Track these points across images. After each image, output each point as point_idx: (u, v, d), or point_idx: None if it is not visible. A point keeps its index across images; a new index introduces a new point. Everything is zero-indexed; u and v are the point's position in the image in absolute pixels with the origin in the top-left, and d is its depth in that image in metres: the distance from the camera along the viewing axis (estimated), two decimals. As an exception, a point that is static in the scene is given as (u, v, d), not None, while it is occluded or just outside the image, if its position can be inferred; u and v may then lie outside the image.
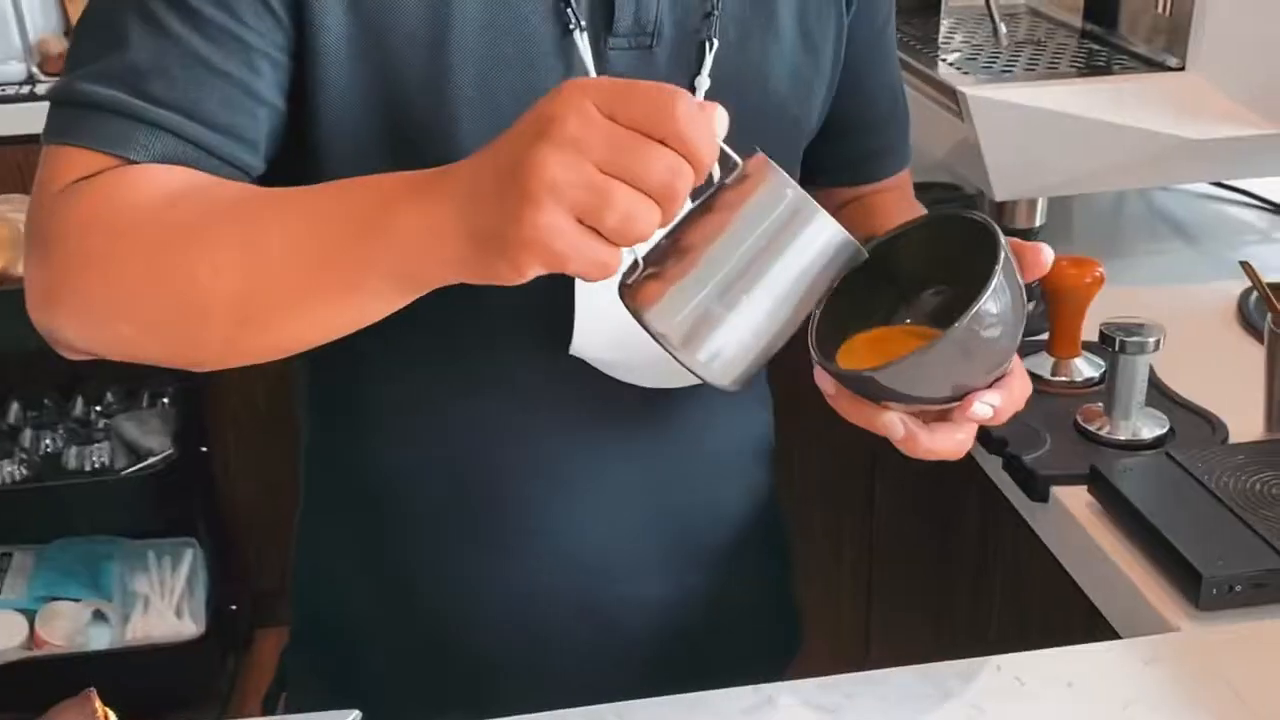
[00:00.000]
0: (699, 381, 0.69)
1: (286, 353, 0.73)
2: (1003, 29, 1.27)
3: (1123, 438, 1.01)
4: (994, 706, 0.77)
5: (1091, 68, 1.34)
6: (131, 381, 2.18)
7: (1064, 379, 1.10)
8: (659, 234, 0.63)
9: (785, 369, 0.78)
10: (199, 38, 0.72)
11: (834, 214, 0.66)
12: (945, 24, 1.44)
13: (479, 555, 0.93)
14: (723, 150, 0.62)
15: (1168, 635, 0.83)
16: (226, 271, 0.68)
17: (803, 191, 0.64)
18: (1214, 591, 0.82)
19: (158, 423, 2.08)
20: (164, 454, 2.03)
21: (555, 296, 0.80)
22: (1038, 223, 1.36)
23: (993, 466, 1.06)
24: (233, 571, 2.27)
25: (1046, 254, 0.73)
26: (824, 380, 0.73)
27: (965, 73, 1.30)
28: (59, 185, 0.72)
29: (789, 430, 1.06)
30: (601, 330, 0.82)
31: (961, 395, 0.71)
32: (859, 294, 0.70)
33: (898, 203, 1.03)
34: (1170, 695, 0.77)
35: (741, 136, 0.65)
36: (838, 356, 0.73)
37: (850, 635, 1.58)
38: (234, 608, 2.24)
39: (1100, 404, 1.03)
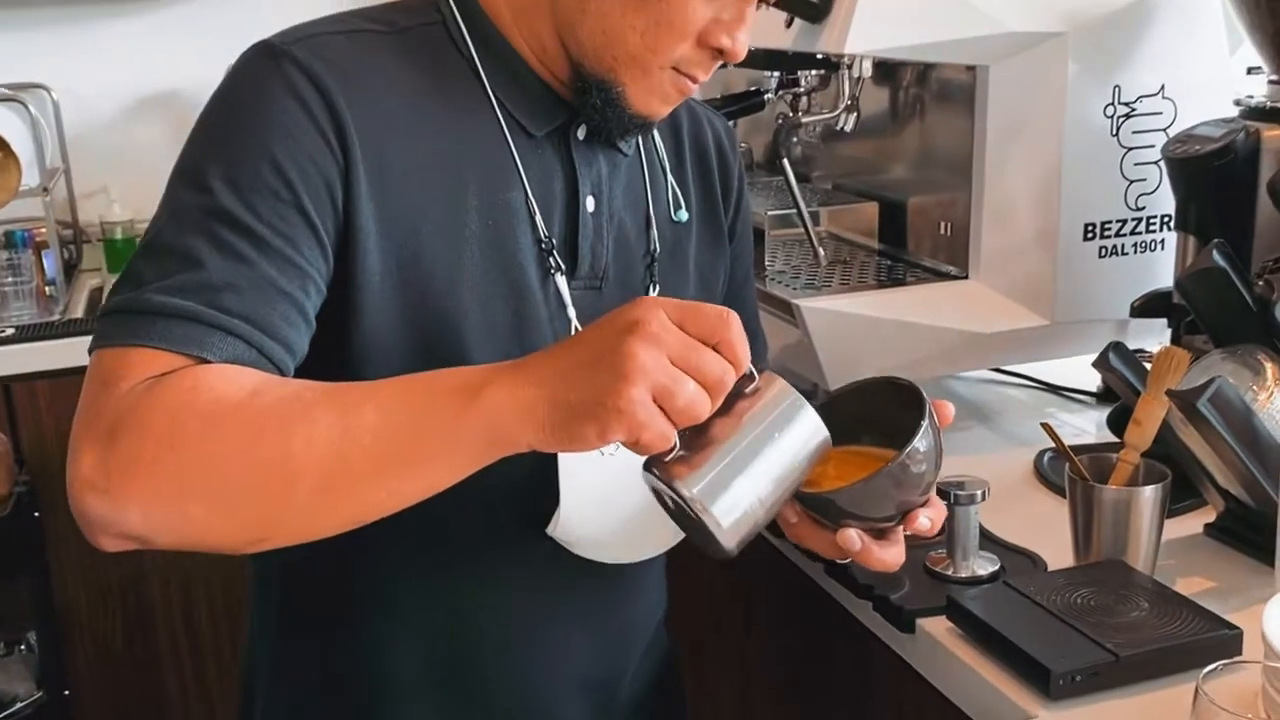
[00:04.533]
0: (656, 555, 0.88)
1: (356, 523, 0.83)
2: (822, 252, 1.53)
3: (964, 575, 1.22)
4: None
5: (892, 279, 1.61)
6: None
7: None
8: None
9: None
10: (267, 263, 0.86)
11: None
12: (769, 250, 1.71)
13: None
14: None
15: (1028, 723, 1.03)
16: (321, 443, 0.79)
17: (800, 397, 0.85)
18: (1061, 683, 1.02)
19: (21, 668, 2.09)
20: (31, 699, 2.03)
21: (538, 483, 0.98)
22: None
23: (861, 609, 1.25)
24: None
25: (950, 409, 0.96)
26: (788, 510, 0.93)
27: (793, 288, 1.56)
28: (131, 381, 0.81)
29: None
30: (581, 512, 0.99)
31: (905, 512, 0.93)
32: None
33: None
34: (1041, 765, 0.96)
35: None
36: None
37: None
38: None
39: (943, 550, 1.25)
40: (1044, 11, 1.46)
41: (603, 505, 0.99)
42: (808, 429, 0.86)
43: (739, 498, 0.84)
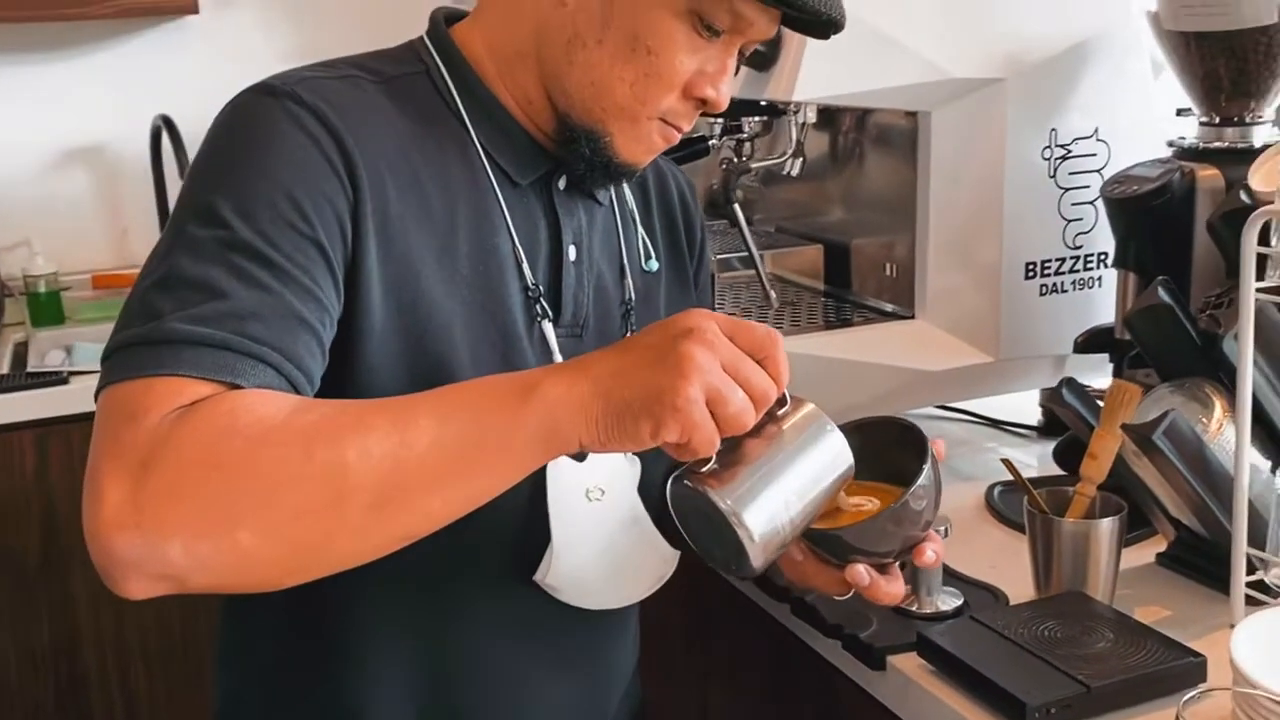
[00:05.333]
0: (638, 600, 0.89)
1: (401, 542, 0.81)
2: (773, 294, 1.55)
3: (929, 611, 1.24)
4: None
5: (841, 320, 1.64)
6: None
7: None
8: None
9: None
10: (289, 293, 0.85)
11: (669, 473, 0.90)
12: (718, 294, 1.72)
13: None
14: None
15: (1007, 756, 1.04)
16: (376, 453, 0.77)
17: (830, 420, 0.88)
18: (1036, 715, 1.04)
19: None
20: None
21: (525, 530, 0.98)
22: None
23: (830, 648, 1.26)
24: None
25: (943, 445, 0.98)
26: (794, 548, 0.95)
27: (745, 331, 1.57)
28: (161, 411, 0.78)
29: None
30: (570, 558, 0.99)
31: (910, 547, 0.95)
32: None
33: None
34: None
35: None
36: None
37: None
38: None
39: (909, 586, 1.26)
40: (983, 59, 1.50)
41: (590, 551, 1.00)
42: (836, 453, 0.88)
43: (771, 514, 0.86)
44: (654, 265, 1.15)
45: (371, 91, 0.97)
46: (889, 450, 0.97)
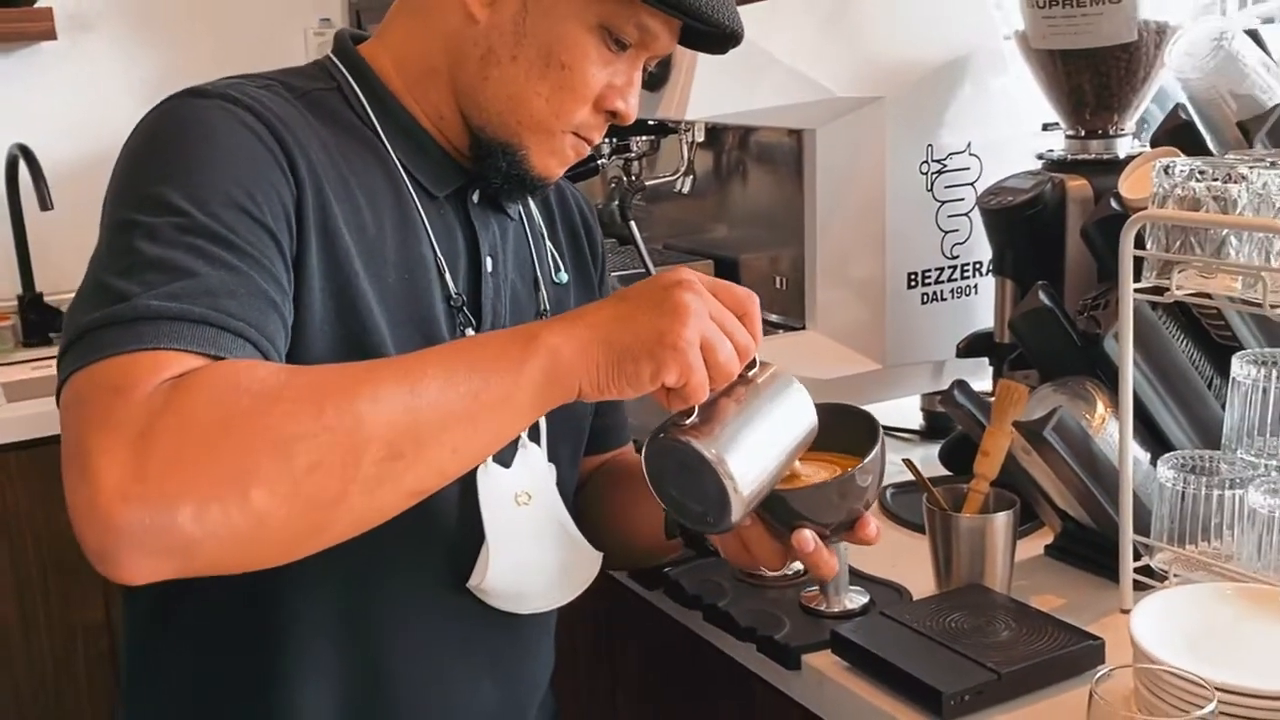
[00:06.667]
0: (565, 604, 0.91)
1: (414, 498, 0.81)
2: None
3: (838, 610, 1.28)
4: None
5: (733, 333, 1.68)
6: None
7: (780, 574, 1.37)
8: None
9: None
10: (255, 274, 0.85)
11: (586, 481, 0.93)
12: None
13: None
14: None
15: (925, 744, 1.09)
16: (387, 405, 0.77)
17: (797, 380, 0.92)
18: (952, 704, 1.08)
19: None
20: None
21: (459, 537, 0.99)
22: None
23: (744, 652, 1.29)
24: None
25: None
26: None
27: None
28: (150, 384, 0.75)
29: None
30: (503, 563, 1.00)
31: (850, 522, 1.00)
32: None
33: (629, 464, 1.29)
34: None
35: (562, 424, 0.98)
36: None
37: None
38: None
39: (816, 588, 1.30)
40: (864, 78, 1.56)
41: (522, 556, 1.02)
42: (804, 412, 0.93)
43: (751, 465, 0.89)
44: (564, 277, 1.18)
45: (292, 101, 0.98)
46: (841, 432, 1.02)
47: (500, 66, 0.99)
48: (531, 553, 1.02)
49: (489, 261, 1.07)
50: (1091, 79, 1.47)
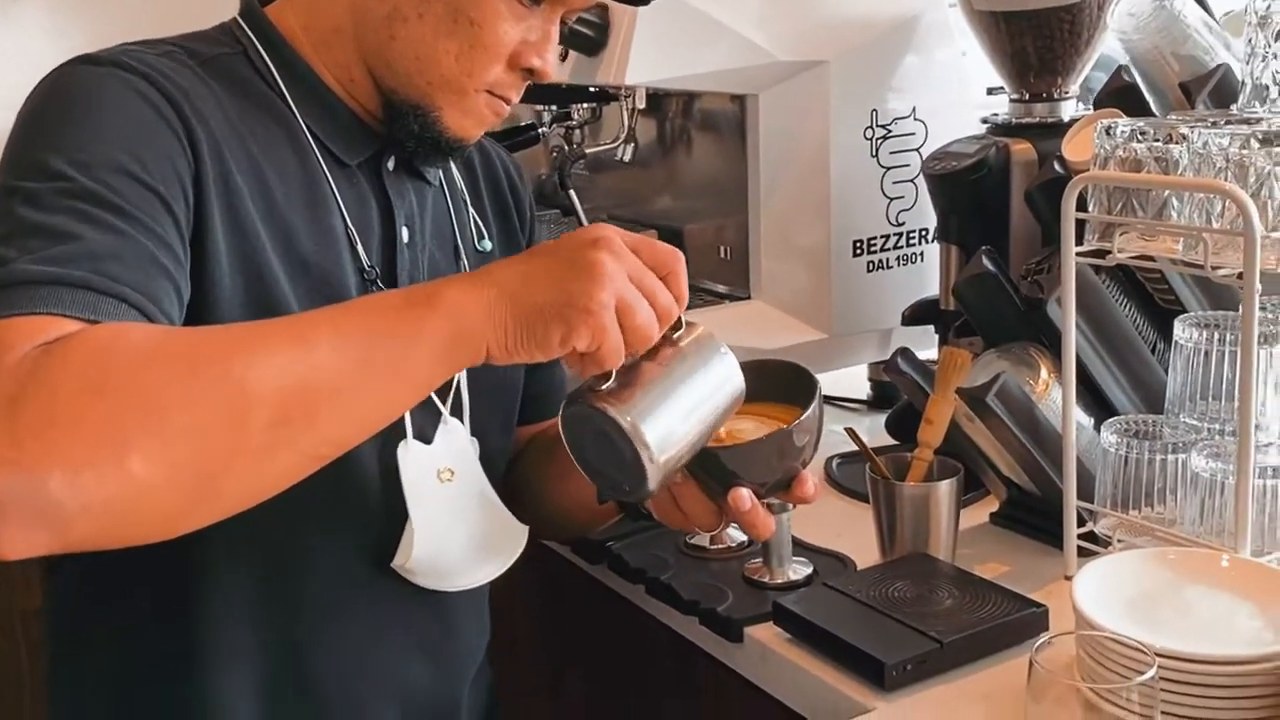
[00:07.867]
0: (488, 581, 0.88)
1: (309, 466, 0.76)
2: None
3: (781, 581, 1.27)
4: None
5: (677, 303, 1.66)
6: None
7: (722, 545, 1.35)
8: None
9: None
10: (143, 238, 0.81)
11: (523, 450, 0.89)
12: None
13: None
14: None
15: (867, 715, 1.07)
16: (272, 368, 0.72)
17: (724, 344, 0.89)
18: (894, 673, 1.07)
19: None
20: None
21: (381, 517, 0.96)
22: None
23: (686, 625, 1.28)
24: None
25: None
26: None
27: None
28: (21, 350, 0.71)
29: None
30: (427, 542, 0.98)
31: (787, 481, 0.97)
32: None
33: None
34: (887, 752, 1.00)
35: (491, 393, 0.93)
36: None
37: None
38: None
39: (759, 559, 1.29)
40: (808, 42, 1.54)
41: (446, 533, 0.99)
42: (729, 376, 0.89)
43: (669, 432, 0.86)
44: (488, 245, 1.14)
45: (194, 68, 0.94)
46: (780, 385, 0.99)
47: (407, 25, 0.96)
48: (456, 529, 0.99)
49: (405, 232, 1.03)
50: (1035, 41, 1.45)
